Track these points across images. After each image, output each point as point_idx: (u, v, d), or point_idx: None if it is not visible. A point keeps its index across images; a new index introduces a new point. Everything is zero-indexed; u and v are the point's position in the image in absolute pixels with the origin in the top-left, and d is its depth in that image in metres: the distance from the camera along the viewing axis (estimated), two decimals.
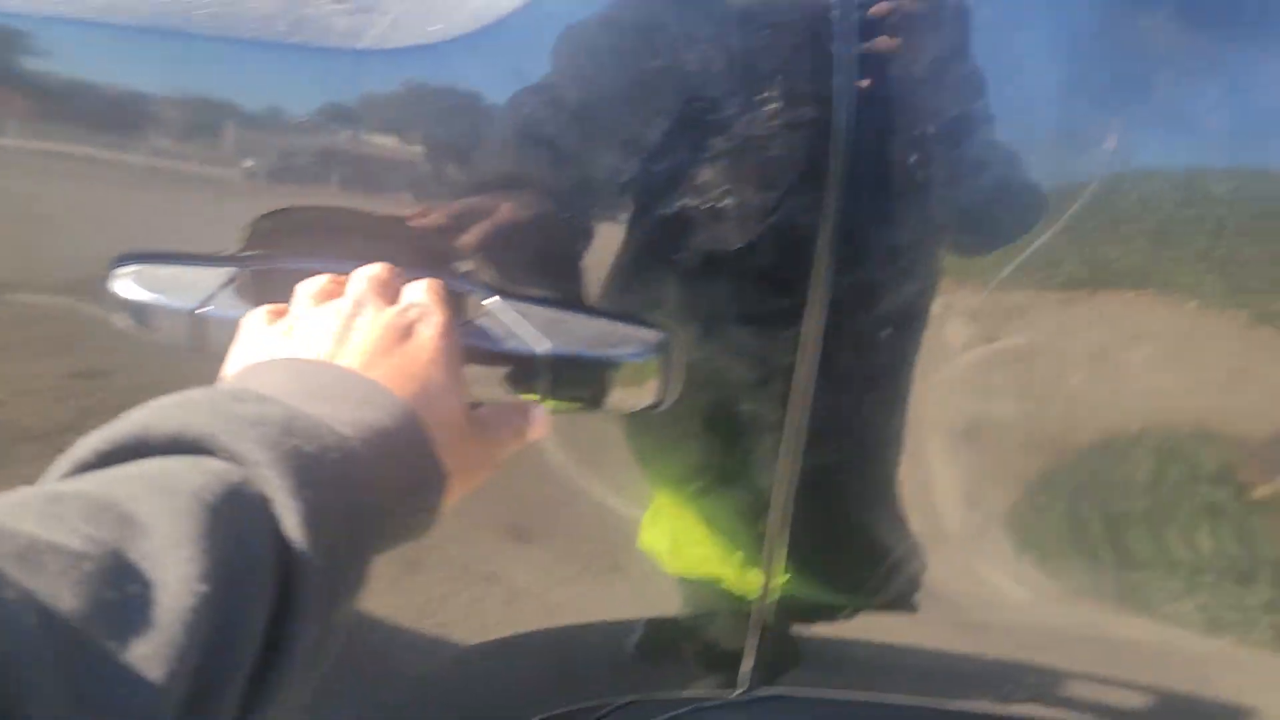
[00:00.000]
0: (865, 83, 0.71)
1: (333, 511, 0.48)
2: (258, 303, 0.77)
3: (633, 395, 0.78)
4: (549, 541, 0.88)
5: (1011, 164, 0.71)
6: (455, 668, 0.94)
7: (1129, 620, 0.86)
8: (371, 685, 0.94)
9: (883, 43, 0.70)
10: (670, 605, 0.89)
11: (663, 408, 0.79)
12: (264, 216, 0.77)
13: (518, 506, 0.87)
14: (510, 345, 0.76)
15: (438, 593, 0.91)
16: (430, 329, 0.64)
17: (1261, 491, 0.81)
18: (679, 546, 0.86)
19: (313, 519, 0.46)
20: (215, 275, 0.78)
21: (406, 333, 0.63)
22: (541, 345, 0.75)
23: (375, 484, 0.52)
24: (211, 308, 0.76)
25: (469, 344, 0.70)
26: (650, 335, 0.77)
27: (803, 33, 0.71)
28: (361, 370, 0.59)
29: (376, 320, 0.64)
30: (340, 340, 0.62)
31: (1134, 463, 0.81)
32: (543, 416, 0.72)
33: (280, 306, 0.71)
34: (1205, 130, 0.70)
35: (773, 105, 0.72)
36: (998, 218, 0.73)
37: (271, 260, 0.79)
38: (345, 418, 0.53)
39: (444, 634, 0.93)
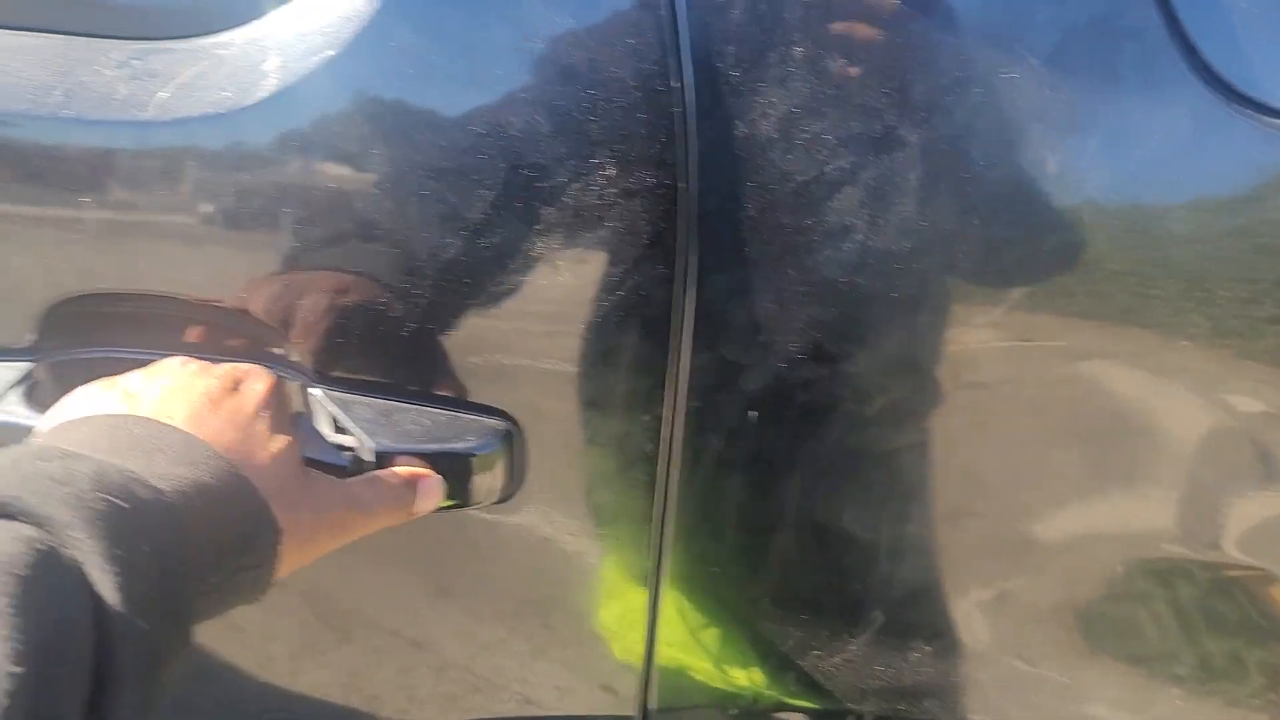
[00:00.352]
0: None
1: (149, 570, 0.45)
2: (52, 404, 0.69)
3: (481, 488, 0.70)
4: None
5: (874, 229, 0.63)
6: None
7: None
8: None
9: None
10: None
11: (510, 500, 0.72)
12: (58, 305, 0.70)
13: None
14: (337, 441, 0.69)
15: (365, 662, 0.85)
16: (259, 383, 0.62)
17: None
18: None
19: (127, 581, 0.43)
20: (4, 372, 0.70)
21: (234, 386, 0.61)
22: (369, 441, 0.67)
23: (195, 540, 0.49)
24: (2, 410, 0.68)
25: (299, 435, 0.64)
26: (492, 425, 0.70)
27: (635, 91, 0.62)
28: (185, 424, 0.56)
29: (203, 374, 0.61)
30: (165, 394, 0.59)
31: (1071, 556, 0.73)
32: (434, 488, 0.66)
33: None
34: (1086, 184, 0.62)
35: (607, 171, 0.64)
36: (864, 287, 0.65)
37: (69, 352, 0.71)
38: (160, 472, 0.50)
39: (373, 708, 0.86)
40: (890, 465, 0.70)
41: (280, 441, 0.59)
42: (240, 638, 0.84)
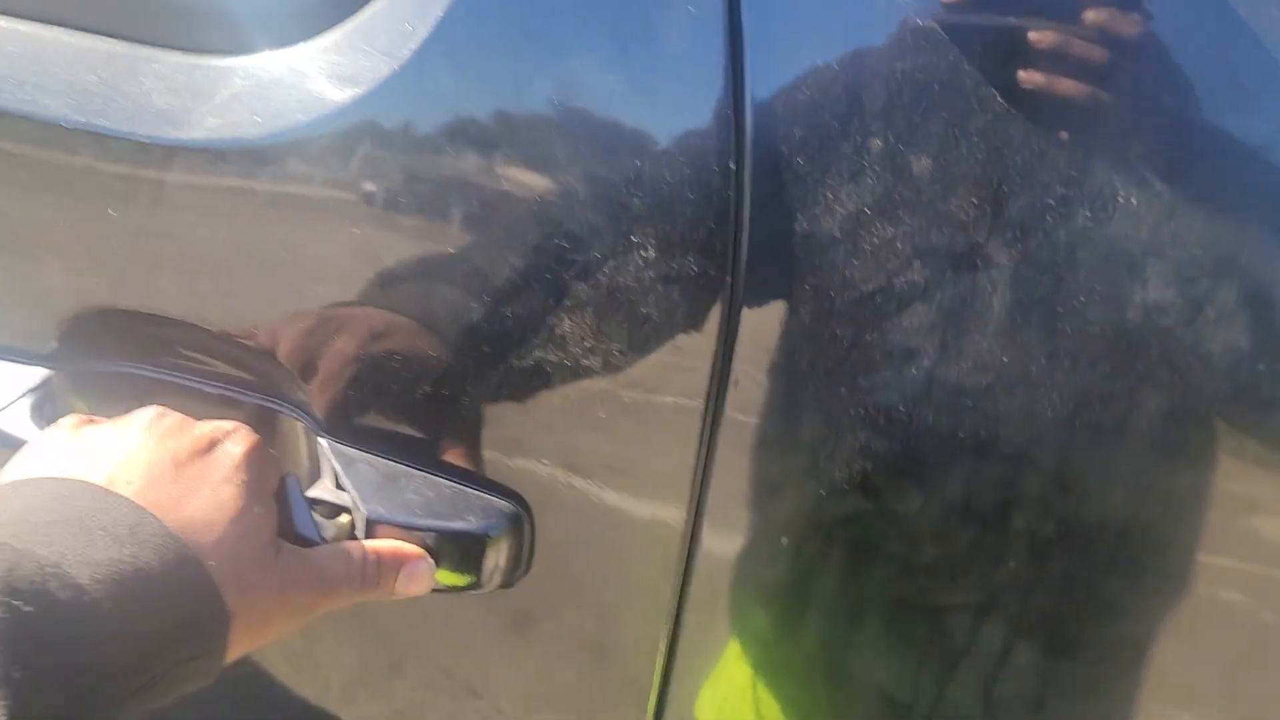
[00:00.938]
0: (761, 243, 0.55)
1: (52, 687, 0.42)
2: (65, 409, 0.67)
3: (482, 572, 0.65)
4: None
5: (945, 357, 0.54)
6: None
7: None
8: None
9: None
10: None
11: (510, 588, 0.66)
12: (82, 315, 0.68)
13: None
14: (334, 499, 0.64)
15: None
16: (237, 445, 0.57)
17: None
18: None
19: (20, 704, 0.40)
20: (23, 377, 0.68)
21: (208, 448, 0.56)
22: (363, 507, 0.62)
23: (124, 636, 0.46)
24: (8, 416, 0.66)
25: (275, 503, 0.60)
26: (499, 506, 0.64)
27: (685, 168, 0.55)
28: (141, 491, 0.52)
29: (175, 433, 0.57)
30: (128, 455, 0.55)
31: None
32: (420, 574, 0.61)
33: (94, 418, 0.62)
34: (1212, 345, 0.51)
35: (646, 252, 0.56)
36: (926, 421, 0.55)
37: (87, 363, 0.69)
38: (97, 557, 0.46)
39: None
40: (938, 624, 0.60)
41: (247, 512, 0.55)
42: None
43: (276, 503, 0.58)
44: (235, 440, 0.57)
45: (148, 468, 0.53)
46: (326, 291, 0.62)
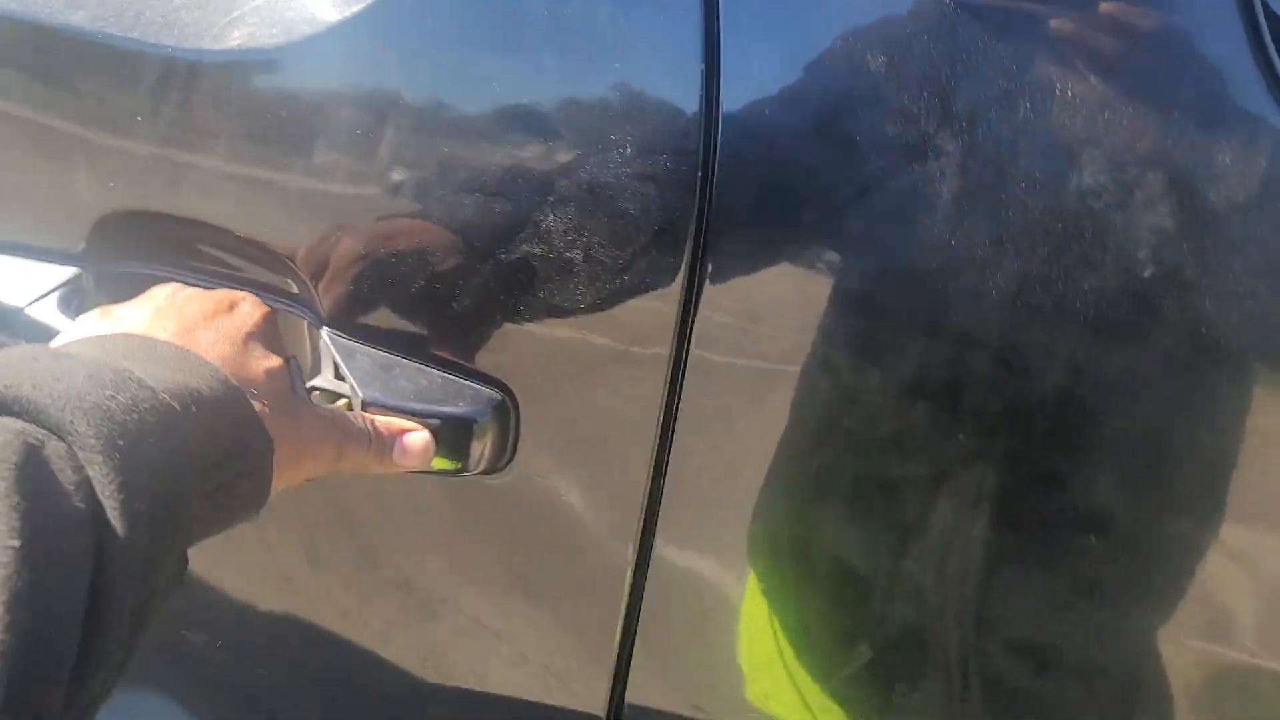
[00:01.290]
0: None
1: (147, 465, 0.44)
2: (92, 306, 0.73)
3: (469, 456, 0.69)
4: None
5: (900, 241, 0.58)
6: None
7: None
8: None
9: None
10: None
11: (494, 475, 0.70)
12: (109, 217, 0.73)
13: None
14: (334, 387, 0.69)
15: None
16: (256, 307, 0.62)
17: None
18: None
19: (126, 472, 0.42)
20: (56, 273, 0.74)
21: (229, 308, 0.61)
22: (360, 391, 0.67)
23: (190, 438, 0.48)
24: (40, 309, 0.72)
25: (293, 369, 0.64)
26: (486, 394, 0.68)
27: (662, 70, 0.60)
28: (175, 337, 0.56)
29: (197, 296, 0.62)
30: (157, 312, 0.60)
31: None
32: (416, 444, 0.65)
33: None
34: (1142, 225, 0.55)
35: (625, 150, 0.61)
36: (882, 302, 0.60)
37: (114, 264, 0.74)
38: (154, 374, 0.49)
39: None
40: (894, 498, 0.64)
41: (275, 359, 0.59)
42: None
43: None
44: (252, 303, 0.62)
45: (179, 320, 0.58)
46: (336, 192, 0.67)
